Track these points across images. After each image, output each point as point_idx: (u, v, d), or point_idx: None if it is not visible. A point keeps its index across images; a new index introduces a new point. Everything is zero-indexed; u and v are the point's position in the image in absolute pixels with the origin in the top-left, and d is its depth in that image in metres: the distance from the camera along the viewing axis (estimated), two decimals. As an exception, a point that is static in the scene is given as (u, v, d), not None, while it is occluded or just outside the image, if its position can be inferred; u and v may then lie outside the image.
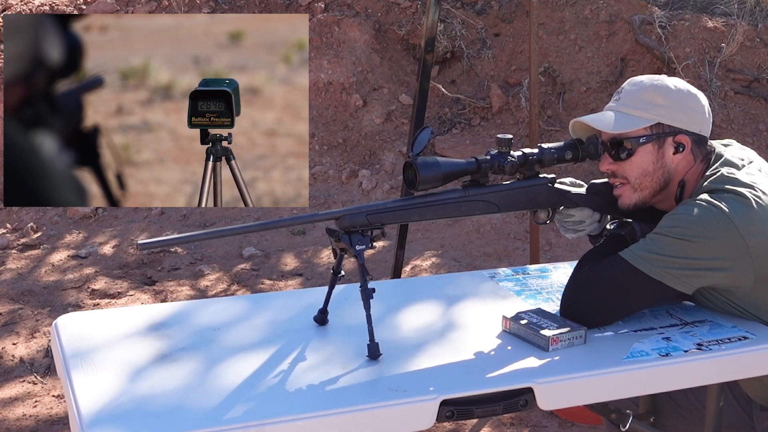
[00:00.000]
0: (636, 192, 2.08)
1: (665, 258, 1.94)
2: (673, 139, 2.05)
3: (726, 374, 1.94)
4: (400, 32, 6.03)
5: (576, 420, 3.26)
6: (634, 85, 2.10)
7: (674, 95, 2.06)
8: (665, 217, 2.00)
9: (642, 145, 2.05)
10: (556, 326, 1.92)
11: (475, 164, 1.98)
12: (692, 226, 1.94)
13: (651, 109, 2.04)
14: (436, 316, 2.11)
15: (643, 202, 2.09)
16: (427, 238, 4.84)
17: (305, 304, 2.05)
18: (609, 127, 2.05)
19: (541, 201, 2.10)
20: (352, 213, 1.88)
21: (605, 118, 2.07)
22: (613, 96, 2.14)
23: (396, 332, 1.99)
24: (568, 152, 2.07)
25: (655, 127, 2.05)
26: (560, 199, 2.12)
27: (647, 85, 2.08)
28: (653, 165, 2.06)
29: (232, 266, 4.58)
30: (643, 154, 2.05)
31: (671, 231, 1.95)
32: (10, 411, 3.40)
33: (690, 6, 5.86)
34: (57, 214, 5.10)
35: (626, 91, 2.10)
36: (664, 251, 1.94)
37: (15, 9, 5.96)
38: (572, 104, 5.62)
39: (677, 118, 2.05)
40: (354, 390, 1.73)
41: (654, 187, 2.07)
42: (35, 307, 4.16)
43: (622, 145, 2.06)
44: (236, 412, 1.64)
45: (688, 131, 2.06)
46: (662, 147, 2.05)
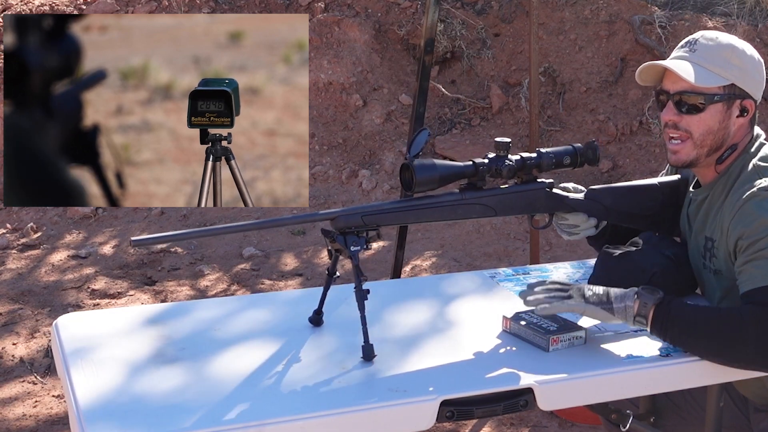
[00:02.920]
0: (696, 149, 2.04)
1: None
2: (741, 102, 2.04)
3: (726, 375, 1.94)
4: (400, 32, 6.03)
5: (576, 420, 3.26)
6: (710, 40, 2.06)
7: (748, 60, 2.05)
8: (749, 235, 1.91)
9: (714, 104, 2.02)
10: (556, 326, 1.92)
11: (472, 167, 1.98)
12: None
13: (728, 69, 2.02)
14: (436, 316, 2.11)
15: (698, 159, 2.05)
16: (427, 238, 4.84)
17: (306, 304, 2.04)
18: (691, 78, 2.01)
19: (538, 206, 2.09)
20: (348, 214, 1.88)
21: (685, 67, 2.03)
22: (682, 45, 2.09)
23: (396, 332, 1.99)
24: (567, 157, 2.07)
25: (729, 88, 2.03)
26: (558, 204, 2.10)
27: (724, 43, 2.05)
28: (719, 124, 2.03)
29: (232, 266, 4.58)
30: (713, 112, 2.03)
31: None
32: (10, 411, 3.40)
33: (690, 6, 5.85)
34: (57, 214, 5.10)
35: (702, 45, 2.05)
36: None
37: (15, 9, 5.96)
38: (572, 104, 5.62)
39: (748, 82, 2.04)
40: (354, 390, 1.73)
41: (712, 146, 2.04)
42: (35, 307, 4.16)
43: (694, 100, 2.02)
44: (236, 412, 1.64)
45: (753, 98, 2.06)
46: (730, 108, 2.03)
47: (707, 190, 2.09)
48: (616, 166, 5.28)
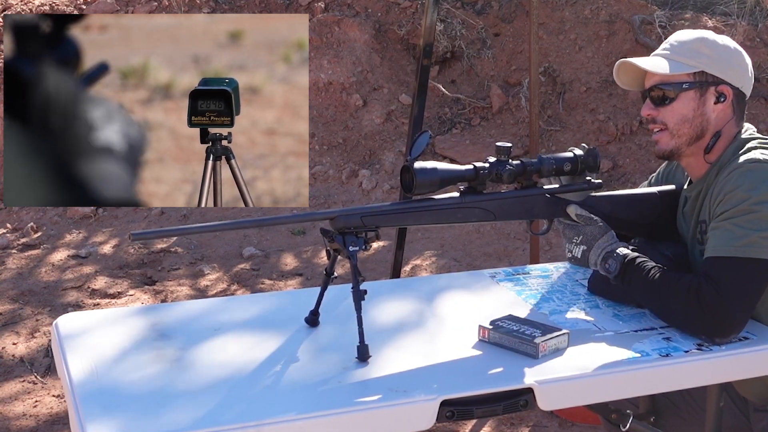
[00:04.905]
0: (673, 138, 2.08)
1: (764, 233, 1.91)
2: (715, 89, 2.06)
3: (726, 375, 1.94)
4: (400, 32, 6.03)
5: (576, 420, 3.26)
6: (681, 35, 2.12)
7: (720, 48, 2.08)
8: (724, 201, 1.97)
9: (684, 91, 2.06)
10: (539, 332, 1.89)
11: (472, 171, 1.98)
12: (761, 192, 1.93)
13: (696, 57, 2.06)
14: (436, 316, 2.11)
15: (678, 149, 2.09)
16: (427, 238, 4.84)
17: (306, 303, 2.04)
18: (656, 68, 2.07)
19: (537, 211, 2.09)
20: (347, 214, 1.88)
21: (651, 60, 2.10)
22: (661, 46, 2.15)
23: (396, 332, 1.99)
24: (567, 164, 2.07)
25: (698, 75, 2.06)
26: (557, 210, 2.11)
27: (695, 37, 2.10)
28: (693, 112, 2.06)
29: (232, 266, 4.58)
30: (685, 101, 2.06)
31: (748, 209, 1.93)
32: (10, 411, 3.40)
33: (690, 6, 5.86)
34: (57, 214, 5.10)
35: (673, 41, 2.12)
36: (756, 228, 1.91)
37: (15, 9, 5.96)
38: (572, 104, 5.62)
39: (721, 69, 2.06)
40: (354, 390, 1.73)
41: (691, 134, 2.07)
42: (35, 306, 4.16)
43: (665, 91, 2.07)
44: (236, 411, 1.64)
45: (731, 84, 2.07)
46: (704, 95, 2.06)
47: (700, 183, 2.11)
48: (616, 166, 5.28)
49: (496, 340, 1.91)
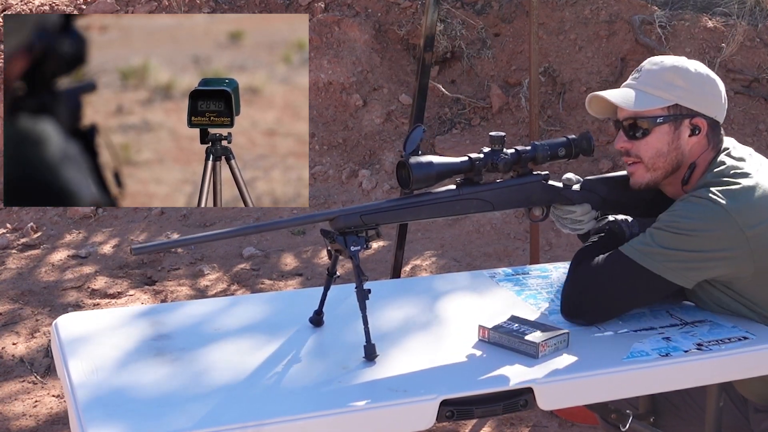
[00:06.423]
0: (649, 172, 2.08)
1: (664, 252, 1.95)
2: (689, 122, 2.06)
3: (726, 374, 1.94)
4: (400, 32, 6.03)
5: (576, 420, 3.26)
6: (654, 65, 2.10)
7: (694, 78, 2.06)
8: (664, 213, 2.01)
9: (658, 126, 2.05)
10: (540, 332, 1.89)
11: (468, 163, 1.98)
12: (690, 221, 1.95)
13: (670, 90, 2.04)
14: (436, 316, 2.11)
15: (654, 182, 2.10)
16: (427, 238, 4.84)
17: (306, 304, 2.04)
18: (629, 104, 2.05)
19: (535, 198, 2.09)
20: (347, 214, 1.88)
21: (625, 95, 2.08)
22: (632, 74, 2.14)
23: (395, 332, 1.99)
24: (561, 149, 2.07)
25: (672, 108, 2.05)
26: (554, 195, 2.11)
27: (668, 65, 2.08)
28: (668, 146, 2.06)
29: (232, 266, 4.58)
30: (659, 135, 2.05)
31: (670, 226, 1.96)
32: (10, 411, 3.40)
33: (690, 6, 5.86)
34: (57, 214, 5.10)
35: (646, 70, 2.09)
36: (663, 245, 1.95)
37: (15, 9, 5.96)
38: (572, 104, 5.61)
39: (695, 100, 2.05)
40: (354, 390, 1.73)
41: (667, 168, 2.07)
42: (35, 306, 4.16)
43: (639, 125, 2.06)
44: (236, 411, 1.64)
45: (705, 115, 2.06)
46: (678, 128, 2.06)
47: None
48: (616, 166, 5.28)
49: (496, 340, 1.91)
